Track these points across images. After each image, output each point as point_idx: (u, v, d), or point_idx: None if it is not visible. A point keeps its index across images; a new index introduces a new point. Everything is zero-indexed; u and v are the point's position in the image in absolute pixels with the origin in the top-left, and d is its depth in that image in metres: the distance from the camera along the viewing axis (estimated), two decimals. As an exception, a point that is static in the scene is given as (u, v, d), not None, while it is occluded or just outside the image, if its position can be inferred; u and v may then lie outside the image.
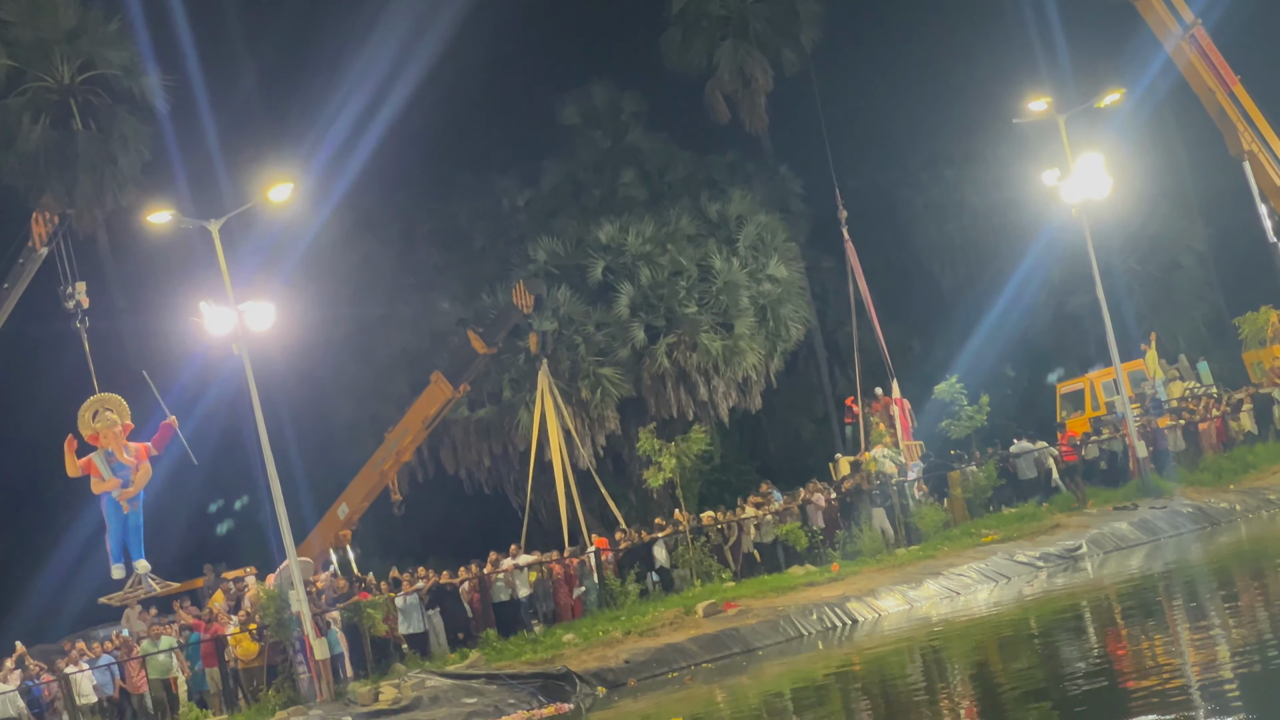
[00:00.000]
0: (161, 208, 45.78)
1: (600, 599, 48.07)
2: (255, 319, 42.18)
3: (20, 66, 62.47)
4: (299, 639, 40.64)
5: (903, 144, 71.86)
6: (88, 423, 36.64)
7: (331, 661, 40.88)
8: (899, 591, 46.10)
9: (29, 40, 62.30)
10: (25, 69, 62.57)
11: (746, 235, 63.79)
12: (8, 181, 62.02)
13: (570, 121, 70.15)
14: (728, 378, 62.32)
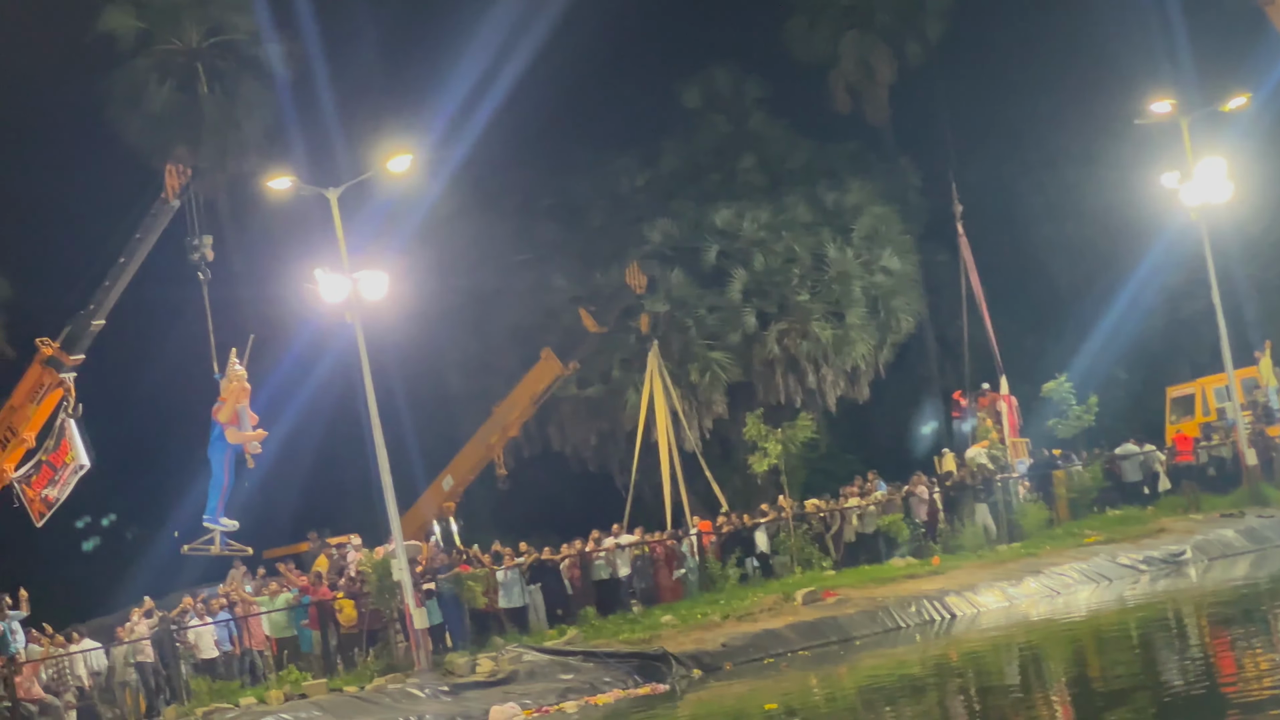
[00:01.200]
0: (281, 174, 46.17)
1: (700, 582, 48.24)
2: (369, 288, 42.45)
3: (149, 29, 63.23)
4: (399, 608, 41.03)
5: (1023, 141, 71.39)
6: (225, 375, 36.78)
7: (430, 632, 41.22)
8: (999, 588, 45.96)
9: (159, 3, 63.02)
10: (154, 31, 63.30)
11: (862, 226, 63.73)
12: (133, 142, 62.79)
13: (692, 104, 70.16)
14: (837, 367, 62.33)
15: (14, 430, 42.44)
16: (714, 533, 50.15)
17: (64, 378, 41.21)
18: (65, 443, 41.06)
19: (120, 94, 63.11)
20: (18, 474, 42.04)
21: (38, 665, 38.56)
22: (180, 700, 39.08)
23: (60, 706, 38.35)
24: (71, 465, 40.93)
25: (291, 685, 38.90)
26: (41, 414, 42.26)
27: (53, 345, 41.21)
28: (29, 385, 42.11)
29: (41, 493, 41.34)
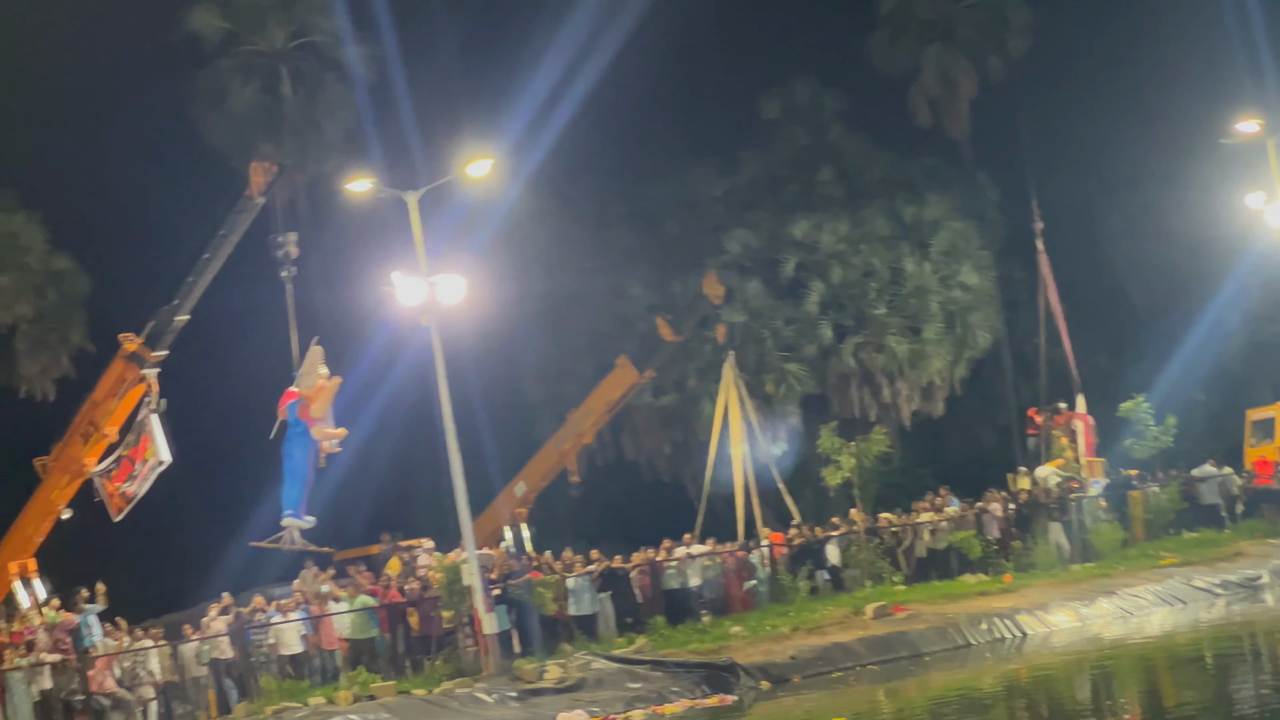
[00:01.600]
0: (361, 176, 46.32)
1: (770, 593, 48.20)
2: (446, 292, 42.48)
3: (234, 29, 63.66)
4: (469, 612, 41.10)
5: (1104, 158, 71.02)
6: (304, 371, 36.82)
7: (500, 637, 41.27)
8: (1071, 608, 45.70)
9: (244, 4, 63.48)
10: (239, 32, 63.73)
11: (940, 240, 63.56)
12: (215, 141, 63.23)
13: (771, 115, 70.07)
14: (912, 381, 62.17)
15: (96, 425, 42.87)
16: (785, 545, 50.11)
17: (146, 373, 41.55)
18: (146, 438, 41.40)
19: (204, 94, 63.57)
20: (98, 468, 42.42)
21: (111, 659, 38.82)
22: (250, 698, 39.29)
23: (132, 701, 38.59)
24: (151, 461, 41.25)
25: (360, 686, 39.04)
26: (124, 409, 42.67)
27: (136, 341, 41.57)
28: (111, 380, 42.51)
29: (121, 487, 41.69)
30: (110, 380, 42.82)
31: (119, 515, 42.78)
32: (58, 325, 58.11)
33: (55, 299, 58.06)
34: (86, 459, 43.35)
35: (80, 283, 58.81)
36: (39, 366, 57.94)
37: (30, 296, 56.99)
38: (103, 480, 42.48)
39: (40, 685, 37.71)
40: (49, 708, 37.67)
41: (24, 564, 45.21)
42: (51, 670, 38.11)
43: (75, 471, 43.62)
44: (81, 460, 43.40)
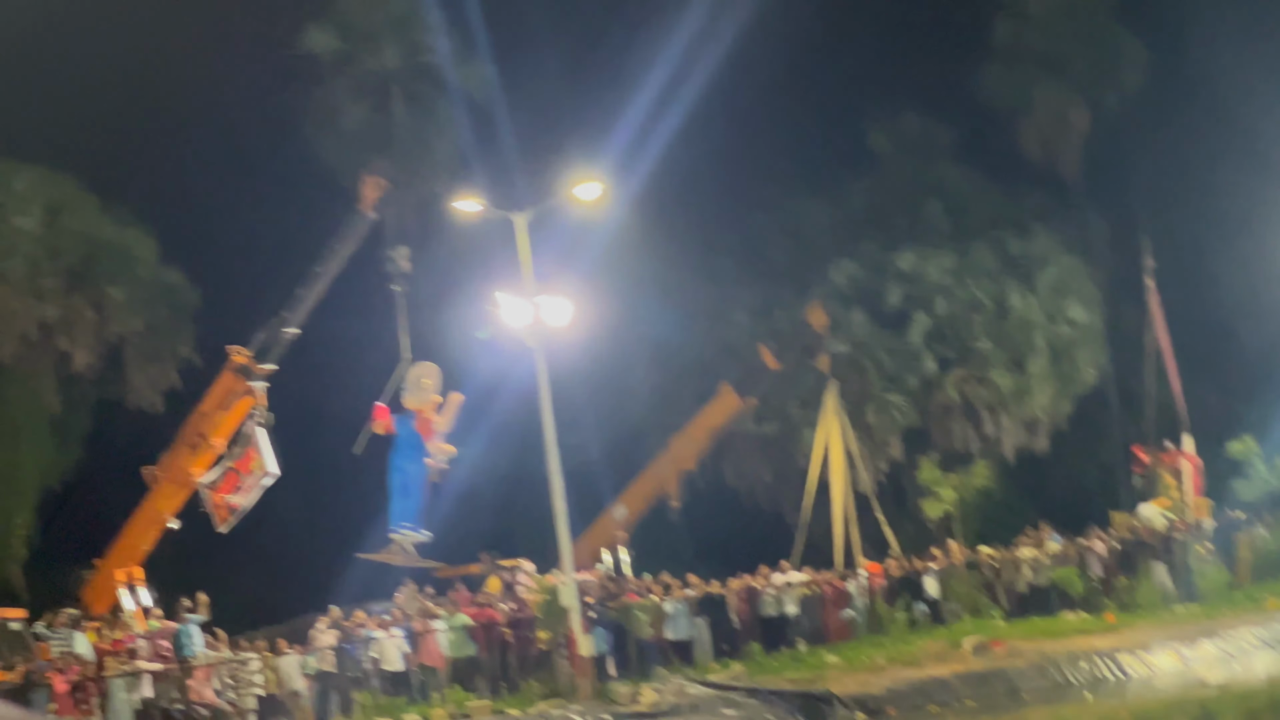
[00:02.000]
0: (469, 196, 46.52)
1: (867, 624, 48.07)
2: (552, 313, 42.61)
3: (349, 49, 64.18)
4: (566, 634, 41.18)
5: (1218, 196, 70.32)
6: (409, 388, 36.77)
7: (595, 660, 41.34)
8: (1173, 649, 45.17)
9: (359, 25, 64.05)
10: (353, 52, 64.27)
11: (1047, 276, 63.24)
12: (327, 159, 63.78)
13: (880, 147, 70.14)
14: (1015, 416, 61.89)
15: (204, 435, 43.35)
16: (883, 575, 49.97)
17: (254, 386, 41.93)
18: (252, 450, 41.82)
19: (317, 112, 64.15)
20: (205, 479, 42.84)
21: (212, 669, 39.14)
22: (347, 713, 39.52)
23: (231, 711, 38.90)
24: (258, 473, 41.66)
25: (456, 705, 39.21)
26: (231, 421, 43.12)
27: (244, 354, 41.99)
28: (220, 392, 42.99)
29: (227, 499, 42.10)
30: (219, 392, 43.31)
31: (224, 526, 43.24)
32: (167, 338, 58.70)
33: (165, 312, 58.65)
34: (194, 470, 43.84)
35: (190, 296, 59.39)
36: (147, 378, 58.54)
37: (140, 309, 57.56)
38: (209, 491, 42.95)
39: (141, 693, 38.07)
40: (149, 716, 38.02)
41: (131, 572, 45.74)
42: (152, 679, 38.47)
43: (183, 482, 44.13)
44: (189, 471, 43.89)
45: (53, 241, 56.32)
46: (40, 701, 36.73)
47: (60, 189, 57.14)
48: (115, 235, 57.67)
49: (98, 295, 57.08)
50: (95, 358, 57.39)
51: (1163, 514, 53.76)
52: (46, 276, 55.94)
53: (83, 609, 45.68)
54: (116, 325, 57.25)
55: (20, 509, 56.39)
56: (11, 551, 56.22)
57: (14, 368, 56.23)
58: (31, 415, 56.73)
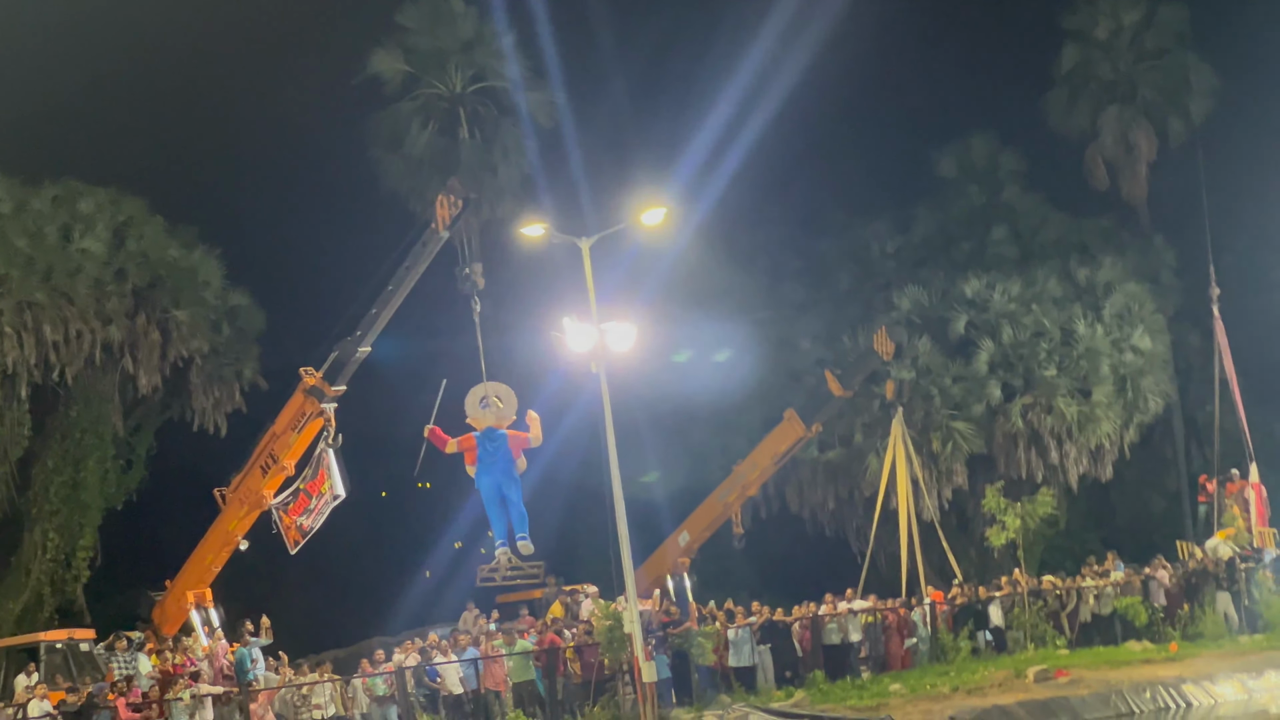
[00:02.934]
0: (534, 221, 46.51)
1: (931, 652, 47.93)
2: (616, 339, 42.54)
3: (415, 73, 64.43)
4: (629, 660, 41.11)
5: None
6: (474, 408, 36.56)
7: (658, 686, 41.23)
8: (1238, 679, 44.89)
9: (426, 48, 64.24)
10: (420, 75, 64.50)
11: (1113, 303, 62.87)
12: (392, 183, 64.10)
13: (946, 173, 69.98)
14: (1080, 444, 61.46)
15: (275, 457, 43.53)
16: (947, 603, 49.79)
17: (325, 407, 42.09)
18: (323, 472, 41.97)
19: (383, 135, 64.33)
20: (276, 500, 43.03)
21: (273, 693, 39.22)
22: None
23: (293, 734, 39.02)
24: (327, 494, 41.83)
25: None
26: (302, 442, 43.30)
27: (315, 375, 42.14)
28: (291, 413, 43.16)
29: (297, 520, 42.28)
30: (290, 413, 43.48)
31: (295, 548, 43.41)
32: (232, 360, 58.86)
33: (230, 334, 58.84)
34: (265, 490, 44.04)
35: (255, 319, 59.58)
36: (212, 400, 58.71)
37: (206, 331, 57.78)
38: (280, 512, 43.12)
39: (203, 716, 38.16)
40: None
41: (201, 593, 45.91)
42: (213, 702, 38.56)
43: (253, 503, 44.31)
44: (260, 492, 44.08)
45: (119, 263, 56.59)
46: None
47: (127, 210, 57.41)
48: (181, 257, 57.92)
49: (163, 317, 57.33)
50: (160, 379, 57.57)
51: (1228, 544, 53.37)
52: (112, 298, 56.18)
53: (153, 630, 45.92)
54: (181, 347, 57.44)
55: (84, 530, 56.62)
56: (74, 572, 56.44)
57: (79, 389, 56.49)
58: (96, 436, 56.96)
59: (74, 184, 56.89)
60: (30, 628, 51.94)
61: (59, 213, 56.08)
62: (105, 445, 57.33)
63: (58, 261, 55.16)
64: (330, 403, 42.40)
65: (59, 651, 44.14)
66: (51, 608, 55.68)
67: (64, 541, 56.30)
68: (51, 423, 56.88)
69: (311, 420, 42.84)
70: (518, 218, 51.78)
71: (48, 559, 56.03)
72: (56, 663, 43.57)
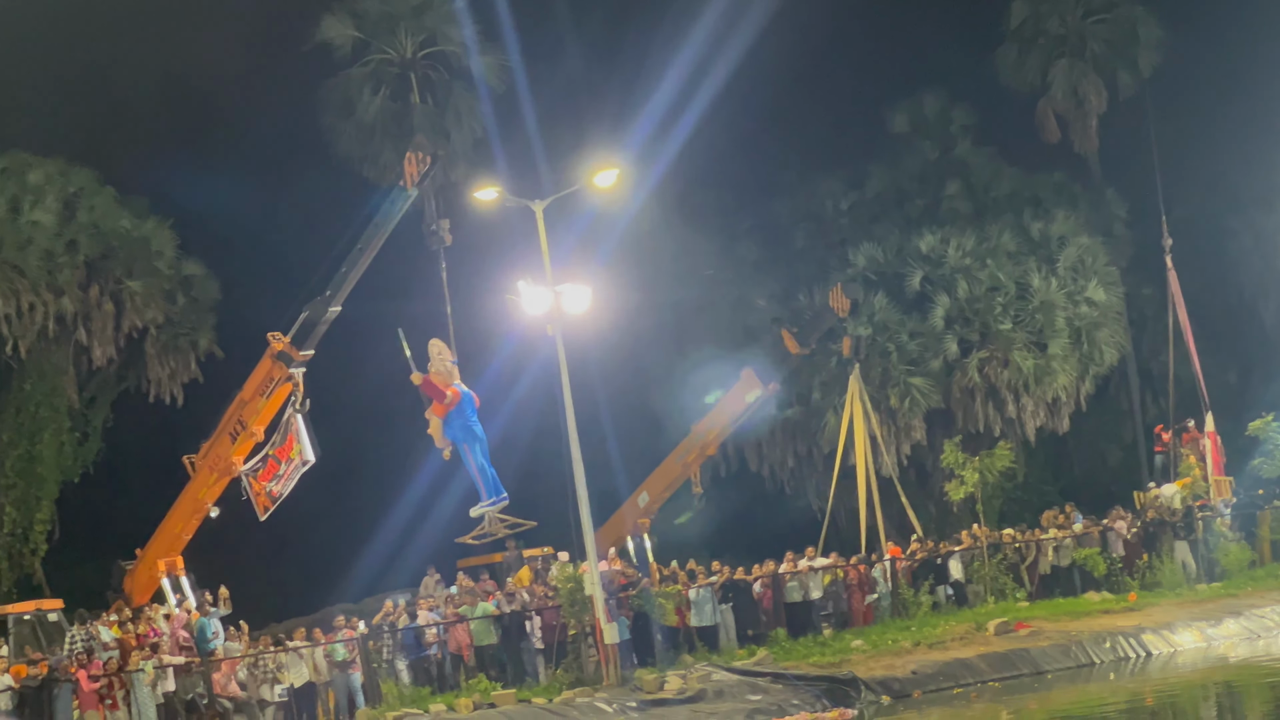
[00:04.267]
0: (488, 185, 46.46)
1: (892, 608, 48.04)
2: (571, 301, 42.54)
3: (366, 39, 64.12)
4: (590, 622, 41.15)
5: (1234, 175, 70.02)
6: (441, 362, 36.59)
7: (620, 647, 41.27)
8: (1197, 628, 45.25)
9: (376, 14, 63.94)
10: (370, 41, 64.20)
11: (1067, 256, 62.99)
12: (345, 150, 63.80)
13: (899, 129, 69.99)
14: (1037, 397, 61.65)
15: (243, 423, 43.44)
16: (907, 559, 49.93)
17: (293, 372, 41.96)
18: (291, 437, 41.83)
19: (335, 102, 64.02)
20: (246, 467, 42.90)
21: (236, 663, 39.17)
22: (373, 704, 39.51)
23: (255, 704, 38.92)
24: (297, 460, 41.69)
25: (481, 694, 39.21)
26: (270, 408, 43.14)
27: (283, 340, 41.95)
28: (259, 379, 43.05)
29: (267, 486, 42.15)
30: (257, 379, 43.31)
31: (265, 514, 43.24)
32: (187, 330, 58.73)
33: (185, 304, 58.69)
34: (234, 458, 43.86)
35: (209, 288, 59.42)
36: (168, 370, 58.57)
37: (160, 302, 57.62)
38: (250, 479, 42.96)
39: (164, 687, 38.09)
40: (172, 709, 38.04)
41: (172, 561, 45.72)
42: (174, 672, 38.50)
43: (223, 470, 44.15)
44: (229, 459, 43.92)
45: (70, 234, 56.36)
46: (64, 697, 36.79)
47: (77, 181, 57.18)
48: (133, 227, 57.70)
49: (116, 288, 57.16)
50: (115, 351, 57.43)
51: (1183, 493, 53.61)
52: (64, 270, 55.97)
53: (124, 599, 45.79)
54: (136, 318, 57.29)
55: (41, 503, 56.46)
56: (32, 545, 56.29)
57: (33, 362, 56.29)
58: (51, 409, 56.78)
59: (22, 156, 56.60)
60: (-12, 601, 51.84)
61: (8, 185, 55.81)
62: (61, 418, 57.14)
63: (8, 234, 54.92)
64: (298, 367, 42.25)
65: (27, 623, 44.03)
66: (10, 581, 55.51)
67: (21, 515, 56.13)
68: (5, 397, 56.71)
69: (279, 386, 42.69)
70: (472, 182, 51.63)
71: (5, 533, 55.90)
72: (25, 634, 43.48)
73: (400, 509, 53.68)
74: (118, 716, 37.24)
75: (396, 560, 53.98)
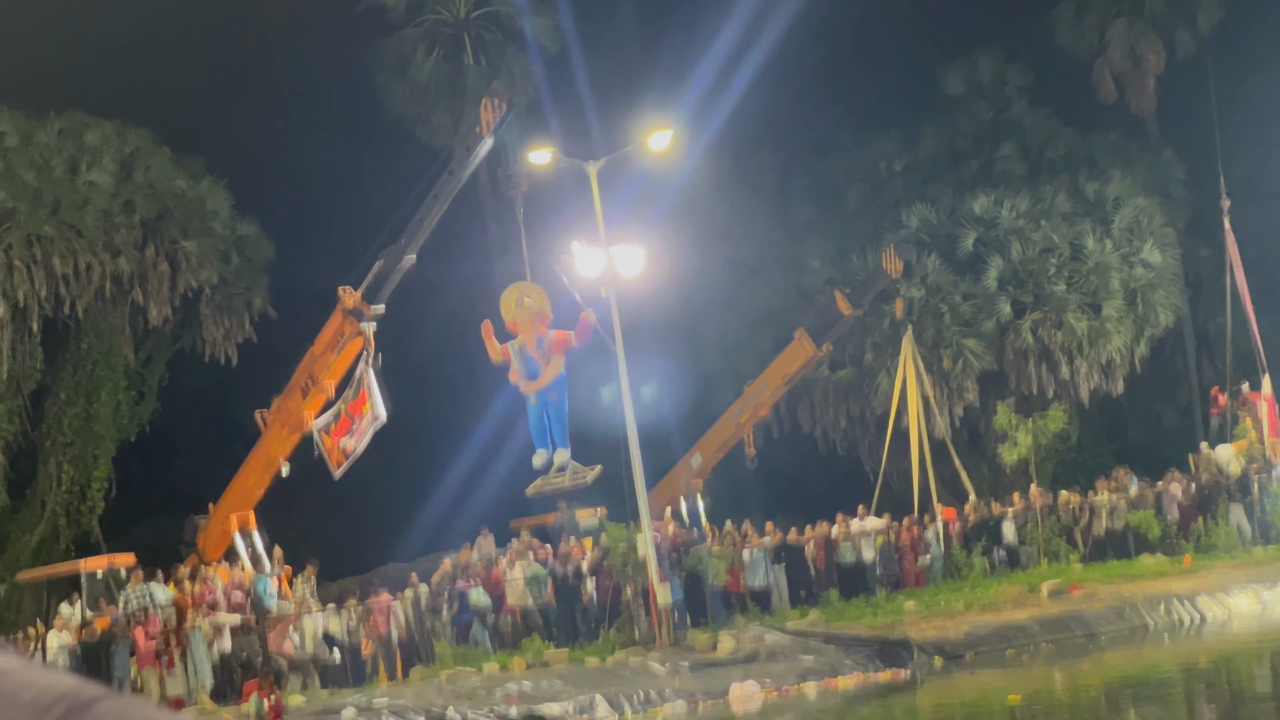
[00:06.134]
0: (542, 146, 46.43)
1: (945, 570, 48.04)
2: (625, 262, 42.59)
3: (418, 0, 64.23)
4: (644, 584, 41.23)
5: (1294, 135, 69.65)
6: (510, 309, 36.46)
7: (673, 608, 41.39)
8: (1252, 591, 44.96)
9: (431, -27, 64.08)
10: (424, 2, 64.26)
11: (1123, 217, 62.73)
12: (398, 110, 63.97)
13: (954, 90, 69.65)
14: (1091, 359, 61.46)
15: (315, 379, 43.30)
16: (960, 521, 49.88)
17: (364, 328, 41.87)
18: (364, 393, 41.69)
19: (388, 62, 64.22)
20: (318, 422, 42.80)
21: (290, 621, 39.39)
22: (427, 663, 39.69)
23: (309, 661, 39.15)
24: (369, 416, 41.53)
25: (534, 654, 39.32)
26: (342, 363, 43.05)
27: (354, 294, 41.86)
28: (330, 334, 42.93)
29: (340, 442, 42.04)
30: (329, 334, 43.21)
31: (339, 470, 43.08)
32: (241, 290, 58.95)
33: (239, 264, 58.91)
34: (305, 413, 43.78)
35: (264, 248, 59.61)
36: (222, 330, 58.79)
37: (215, 262, 57.81)
38: (322, 434, 42.84)
39: (221, 646, 38.36)
40: (229, 668, 38.30)
41: (244, 516, 45.73)
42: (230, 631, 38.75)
43: (294, 425, 43.98)
44: (301, 414, 43.78)
45: (126, 195, 56.59)
46: (122, 654, 37.08)
47: (133, 142, 57.38)
48: (188, 188, 57.90)
49: (172, 248, 57.36)
50: (170, 310, 57.64)
51: (1239, 455, 53.38)
52: (120, 230, 56.21)
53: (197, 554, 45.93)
54: (191, 277, 57.49)
55: (98, 462, 56.82)
56: (90, 504, 56.64)
57: (90, 322, 56.63)
58: (108, 368, 57.11)
59: (80, 116, 56.83)
60: (47, 559, 52.26)
61: (65, 145, 56.05)
62: (117, 377, 57.47)
63: (65, 194, 55.18)
64: (369, 322, 42.16)
65: (100, 580, 44.34)
66: (68, 539, 55.92)
67: (78, 473, 56.49)
68: (63, 356, 57.04)
69: (350, 341, 42.61)
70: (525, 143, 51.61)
71: (63, 491, 56.25)
72: (98, 590, 43.79)
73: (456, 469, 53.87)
74: (175, 674, 37.49)
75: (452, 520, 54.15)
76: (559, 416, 36.81)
